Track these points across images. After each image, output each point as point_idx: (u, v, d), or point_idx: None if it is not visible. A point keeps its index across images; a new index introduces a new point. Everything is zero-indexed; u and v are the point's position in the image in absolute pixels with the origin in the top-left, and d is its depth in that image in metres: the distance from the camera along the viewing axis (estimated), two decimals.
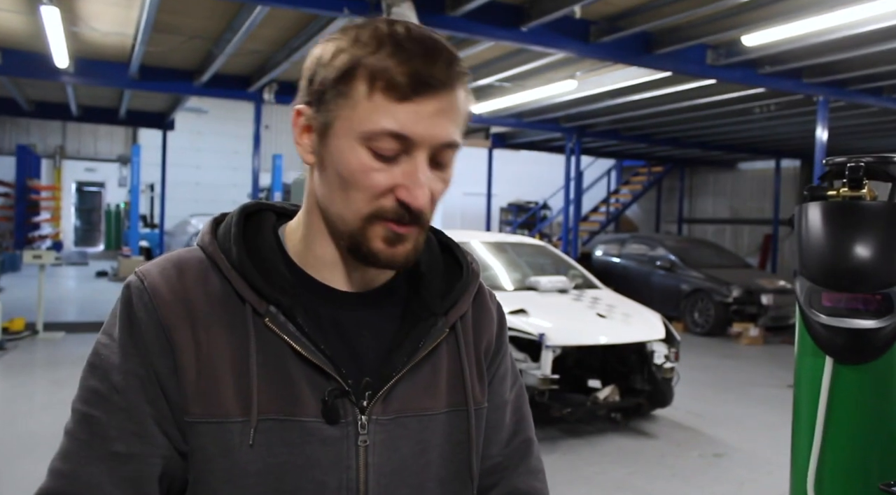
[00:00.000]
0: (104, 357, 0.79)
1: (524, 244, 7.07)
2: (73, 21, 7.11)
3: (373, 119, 0.74)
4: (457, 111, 0.77)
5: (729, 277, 10.21)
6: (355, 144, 0.75)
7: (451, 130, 0.77)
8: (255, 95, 9.81)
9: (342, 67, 0.75)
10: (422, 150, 0.75)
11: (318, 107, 0.78)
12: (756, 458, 4.74)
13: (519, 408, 0.98)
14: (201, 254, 0.83)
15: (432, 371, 0.85)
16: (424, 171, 0.75)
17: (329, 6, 5.72)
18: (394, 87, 0.73)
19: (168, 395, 0.77)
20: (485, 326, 0.94)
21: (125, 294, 0.80)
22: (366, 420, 0.80)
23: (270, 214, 0.89)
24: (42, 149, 19.35)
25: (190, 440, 0.78)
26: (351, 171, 0.76)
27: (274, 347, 0.78)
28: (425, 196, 0.76)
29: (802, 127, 10.99)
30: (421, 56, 0.74)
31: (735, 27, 6.32)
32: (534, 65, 8.14)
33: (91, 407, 0.78)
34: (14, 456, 4.30)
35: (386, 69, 0.73)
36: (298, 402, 0.78)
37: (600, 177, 18.57)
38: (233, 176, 20.23)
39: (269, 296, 0.79)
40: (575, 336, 4.96)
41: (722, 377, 7.40)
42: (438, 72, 0.74)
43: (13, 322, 7.95)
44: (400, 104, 0.73)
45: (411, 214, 0.76)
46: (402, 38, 0.75)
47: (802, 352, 1.86)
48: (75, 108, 12.34)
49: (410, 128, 0.74)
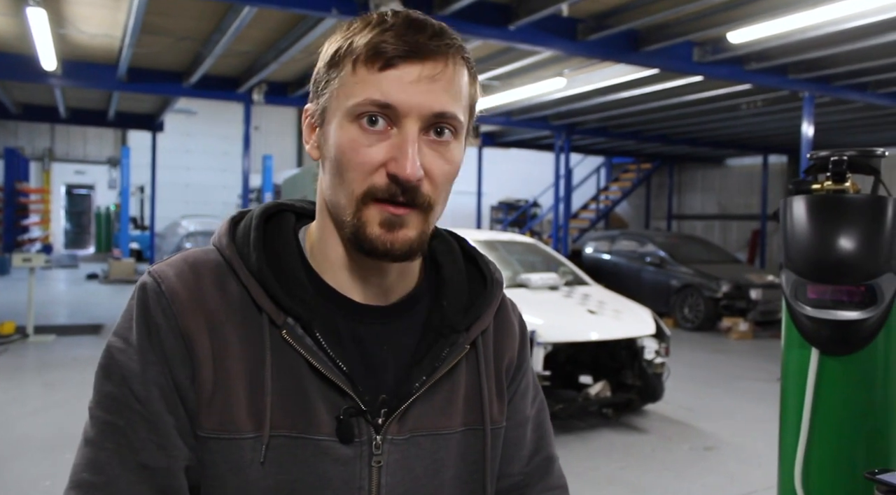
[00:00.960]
0: (121, 362, 0.75)
1: (514, 242, 7.09)
2: (60, 23, 7.08)
3: (356, 91, 0.73)
4: (449, 80, 0.74)
5: (718, 273, 10.28)
6: (345, 122, 0.74)
7: (443, 100, 0.73)
8: (245, 96, 9.80)
9: (331, 52, 0.76)
10: (411, 121, 0.72)
11: (316, 100, 0.78)
12: (746, 451, 4.79)
13: (540, 424, 0.95)
14: (218, 257, 0.80)
15: (450, 389, 0.83)
16: (413, 142, 0.72)
17: (317, 6, 5.73)
18: (375, 56, 0.72)
19: (186, 404, 0.75)
20: (507, 342, 0.91)
21: (141, 296, 0.76)
22: (380, 440, 0.78)
23: (290, 216, 0.86)
24: (30, 152, 19.22)
25: (202, 456, 0.75)
26: (342, 151, 0.74)
27: (290, 361, 0.76)
28: (414, 166, 0.71)
29: (789, 123, 11.08)
30: (404, 27, 0.73)
31: (721, 24, 6.37)
32: (522, 63, 8.18)
33: (112, 414, 0.74)
34: (6, 459, 4.28)
35: (368, 42, 0.72)
36: (313, 419, 0.76)
37: (590, 174, 18.65)
38: (223, 177, 20.19)
39: (287, 308, 0.76)
40: (566, 332, 4.99)
41: (712, 371, 7.45)
42: (423, 39, 0.72)
43: (3, 325, 7.91)
44: (382, 72, 0.72)
45: (404, 191, 0.72)
46: (387, 16, 0.75)
47: (789, 345, 1.89)
48: (63, 110, 12.29)
49: (395, 95, 0.71)
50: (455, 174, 0.78)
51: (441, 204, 0.77)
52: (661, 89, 9.21)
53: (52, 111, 12.65)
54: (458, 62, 0.75)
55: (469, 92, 0.77)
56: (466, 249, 0.92)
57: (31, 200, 17.46)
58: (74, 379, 6.16)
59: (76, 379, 6.14)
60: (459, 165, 0.78)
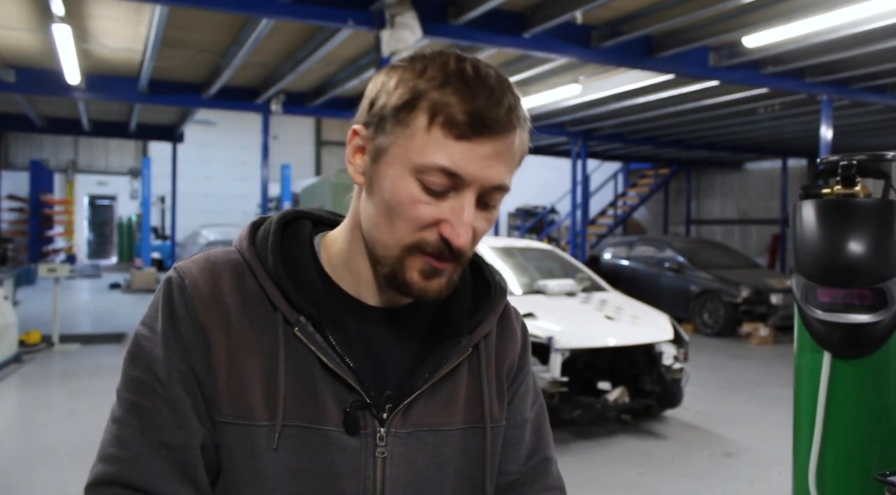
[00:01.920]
0: (146, 349, 0.82)
1: (532, 248, 7.11)
2: (83, 38, 7.24)
3: (427, 152, 0.75)
4: (511, 155, 0.78)
5: (738, 278, 10.20)
6: (406, 174, 0.76)
7: (503, 174, 0.77)
8: (263, 106, 9.92)
9: (405, 96, 0.76)
10: (471, 190, 0.76)
11: (375, 130, 0.79)
12: (766, 457, 4.76)
13: (539, 427, 0.99)
14: (238, 258, 0.86)
15: (452, 388, 0.87)
16: (470, 210, 0.76)
17: (333, 18, 5.81)
18: (453, 124, 0.74)
19: (203, 390, 0.80)
20: (508, 347, 0.95)
21: (166, 289, 0.83)
22: (384, 432, 0.82)
23: (307, 223, 0.91)
24: (55, 164, 19.59)
25: (219, 440, 0.81)
26: (399, 200, 0.77)
27: (301, 356, 0.81)
28: (468, 235, 0.76)
29: (808, 126, 10.99)
30: (485, 97, 0.74)
31: (736, 29, 6.36)
32: (537, 70, 8.21)
33: (138, 396, 0.81)
34: (33, 465, 4.37)
35: (448, 105, 0.74)
36: (321, 411, 0.80)
37: (607, 180, 18.60)
38: (242, 186, 20.39)
39: (300, 307, 0.81)
40: (583, 338, 4.99)
41: (732, 377, 7.40)
42: (500, 114, 0.75)
43: (29, 334, 8.06)
44: (457, 142, 0.74)
45: (451, 251, 0.77)
46: (469, 76, 0.75)
47: (801, 348, 1.90)
48: (87, 122, 12.51)
49: (463, 166, 0.74)
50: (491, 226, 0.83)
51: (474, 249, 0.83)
52: (677, 94, 9.19)
53: (76, 124, 12.88)
54: (522, 130, 0.79)
55: (521, 152, 0.80)
56: (473, 257, 0.95)
57: (56, 211, 17.81)
58: (99, 388, 6.26)
59: (100, 388, 6.24)
60: (496, 219, 0.83)
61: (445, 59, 0.78)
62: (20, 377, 6.81)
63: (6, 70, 8.41)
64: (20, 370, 7.06)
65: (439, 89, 0.75)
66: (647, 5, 6.16)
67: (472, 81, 0.75)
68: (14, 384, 6.55)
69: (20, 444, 4.83)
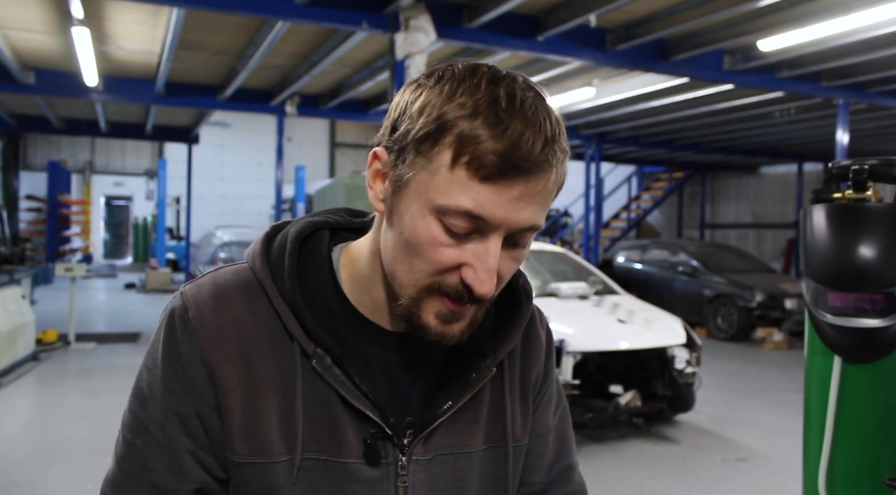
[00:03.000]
0: (148, 385, 0.79)
1: (544, 251, 7.11)
2: (102, 41, 7.33)
3: (451, 193, 0.67)
4: (547, 194, 0.70)
5: (752, 282, 10.14)
6: (427, 213, 0.70)
7: (536, 214, 0.70)
8: (278, 108, 9.99)
9: (429, 126, 0.68)
10: (498, 233, 0.69)
11: (396, 158, 0.71)
12: (779, 463, 4.73)
13: (562, 433, 0.96)
14: (250, 277, 0.80)
15: (474, 410, 0.84)
16: (496, 254, 0.70)
17: (348, 21, 5.85)
18: (481, 165, 0.66)
19: (208, 431, 0.77)
20: (534, 358, 0.91)
21: (169, 322, 0.78)
22: (406, 461, 0.80)
23: (324, 235, 0.85)
24: (72, 165, 19.82)
25: (234, 476, 0.78)
26: (419, 241, 0.70)
27: (319, 389, 0.77)
28: (491, 281, 0.70)
29: (824, 130, 10.91)
30: (519, 132, 0.66)
31: (751, 32, 6.34)
32: (551, 73, 8.21)
33: (134, 435, 0.79)
34: (51, 461, 4.43)
35: (476, 141, 0.66)
36: (341, 444, 0.78)
37: (621, 183, 18.54)
38: (256, 188, 20.53)
39: (317, 338, 0.77)
40: (595, 341, 4.98)
41: (745, 382, 7.35)
42: (535, 152, 0.66)
43: (46, 333, 8.16)
44: (483, 184, 0.67)
45: (472, 297, 0.71)
46: (502, 106, 0.66)
47: (811, 353, 1.90)
48: (104, 124, 12.65)
49: (490, 210, 0.67)
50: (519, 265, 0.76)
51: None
52: (691, 98, 9.16)
53: (93, 125, 13.03)
54: (560, 165, 0.70)
55: (558, 184, 0.72)
56: None
57: (73, 212, 18.01)
58: (114, 386, 6.33)
59: (115, 386, 6.31)
60: (526, 257, 0.76)
61: (477, 81, 0.68)
62: (37, 375, 6.90)
63: (26, 72, 8.53)
64: (37, 368, 7.15)
65: (468, 120, 0.66)
66: (662, 8, 6.15)
67: (505, 113, 0.66)
68: (31, 382, 6.64)
69: (37, 441, 4.89)
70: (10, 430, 5.18)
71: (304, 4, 5.59)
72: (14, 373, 6.74)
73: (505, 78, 0.69)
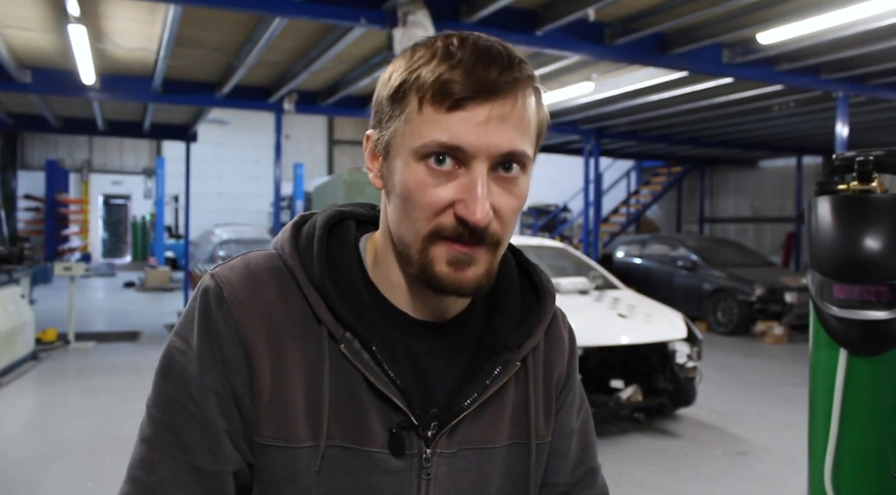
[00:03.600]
0: (181, 364, 0.77)
1: (544, 247, 7.10)
2: (98, 38, 7.29)
3: (423, 132, 0.71)
4: (519, 118, 0.72)
5: (752, 276, 10.14)
6: (410, 161, 0.72)
7: (513, 138, 0.71)
8: (276, 106, 9.95)
9: (395, 84, 0.73)
10: (480, 162, 0.71)
11: (379, 129, 0.76)
12: (781, 456, 4.73)
13: (585, 435, 0.96)
14: (280, 263, 0.81)
15: (498, 405, 0.84)
16: (483, 184, 0.71)
17: (346, 17, 5.82)
18: (443, 96, 0.70)
19: (242, 411, 0.76)
20: (557, 358, 0.91)
21: (203, 299, 0.78)
22: (430, 453, 0.79)
23: (352, 224, 0.86)
24: (70, 164, 19.78)
25: (258, 459, 0.77)
26: (409, 189, 0.73)
27: (347, 374, 0.77)
28: (484, 210, 0.71)
29: (823, 123, 10.89)
30: (472, 61, 0.70)
31: (750, 25, 6.31)
32: (550, 68, 8.18)
33: (169, 416, 0.76)
34: (50, 460, 4.42)
35: (435, 78, 0.70)
36: (367, 432, 0.77)
37: (620, 178, 18.52)
38: (255, 185, 20.50)
39: (346, 322, 0.77)
40: (596, 336, 4.98)
41: (746, 376, 7.36)
42: (492, 75, 0.70)
43: (46, 332, 8.15)
44: (450, 113, 0.70)
45: (472, 232, 0.72)
46: (454, 46, 0.71)
47: (817, 345, 1.89)
48: (101, 122, 12.60)
49: (463, 137, 0.70)
50: (522, 206, 0.77)
51: (509, 235, 0.77)
52: (690, 92, 9.13)
53: (91, 124, 12.97)
54: (528, 93, 0.74)
55: (537, 119, 0.76)
56: (521, 262, 0.92)
57: (71, 211, 17.99)
58: (114, 385, 6.32)
59: (115, 385, 6.30)
60: (527, 196, 0.77)
61: (433, 40, 0.74)
62: (37, 374, 6.89)
63: (22, 71, 8.48)
64: (37, 367, 7.14)
65: (425, 66, 0.71)
66: (661, 2, 6.12)
67: (457, 50, 0.71)
68: (31, 381, 6.63)
69: (37, 441, 4.88)
70: (10, 430, 5.17)
71: (302, 1, 5.56)
72: (14, 373, 6.73)
73: (460, 32, 0.75)
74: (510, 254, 0.91)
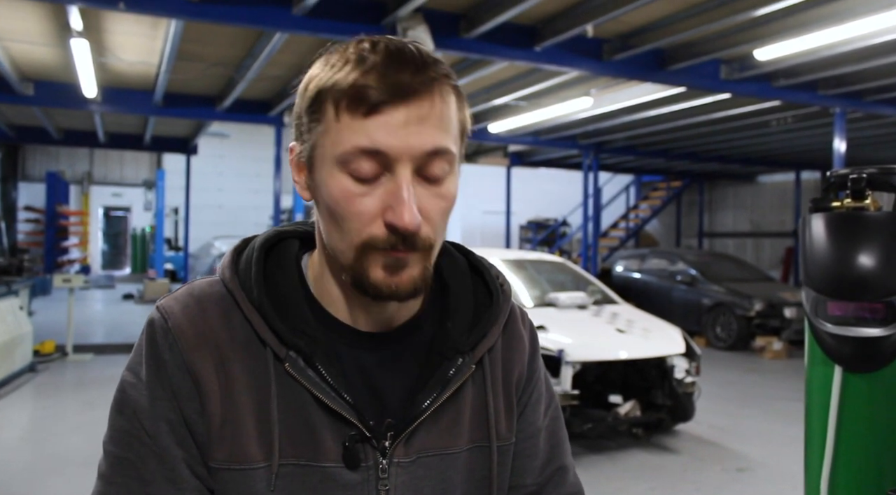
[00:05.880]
0: (132, 398, 0.78)
1: (543, 261, 7.11)
2: (100, 52, 7.34)
3: (343, 139, 0.70)
4: (439, 117, 0.71)
5: (751, 291, 10.14)
6: (334, 171, 0.71)
7: (435, 137, 0.71)
8: (276, 119, 10.00)
9: (312, 94, 0.73)
10: (403, 165, 0.70)
11: (301, 140, 0.75)
12: (780, 473, 4.71)
13: (554, 433, 0.94)
14: (223, 289, 0.81)
15: (455, 409, 0.83)
16: (408, 187, 0.70)
17: (345, 32, 5.86)
18: (358, 101, 0.69)
19: (195, 437, 0.77)
20: (516, 357, 0.89)
21: (149, 332, 0.79)
22: (386, 463, 0.78)
23: (293, 243, 0.85)
24: (70, 176, 19.83)
25: (215, 484, 0.77)
26: (335, 200, 0.72)
27: (295, 393, 0.77)
28: (412, 214, 0.69)
29: (821, 138, 10.94)
30: (385, 65, 0.69)
31: (747, 41, 6.36)
32: (549, 83, 8.23)
33: (123, 449, 0.77)
34: (47, 474, 4.40)
35: (349, 85, 0.69)
36: (319, 448, 0.77)
37: (619, 192, 18.57)
38: (255, 198, 20.53)
39: (288, 341, 0.76)
40: (594, 351, 4.98)
41: (745, 391, 7.34)
42: (405, 77, 0.69)
43: (44, 344, 8.13)
44: (367, 119, 0.69)
45: (404, 239, 0.71)
46: (365, 51, 0.71)
47: (812, 362, 1.90)
48: (102, 135, 12.66)
49: (383, 141, 0.69)
50: (452, 207, 0.76)
51: (441, 237, 0.76)
52: (688, 107, 9.19)
53: (92, 136, 13.03)
54: (446, 92, 0.73)
55: (459, 118, 0.75)
56: (473, 263, 0.90)
57: (71, 223, 18.00)
58: (111, 398, 6.30)
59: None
60: (455, 196, 0.75)
61: (345, 46, 0.73)
62: (34, 386, 6.87)
63: (25, 83, 8.53)
64: (34, 379, 7.12)
65: (339, 72, 0.71)
66: (659, 18, 6.17)
67: (368, 54, 0.70)
68: (28, 393, 6.61)
69: (33, 453, 4.86)
70: (8, 442, 5.15)
71: (303, 16, 5.61)
72: (11, 385, 6.71)
73: (371, 37, 0.74)
74: (462, 256, 0.90)
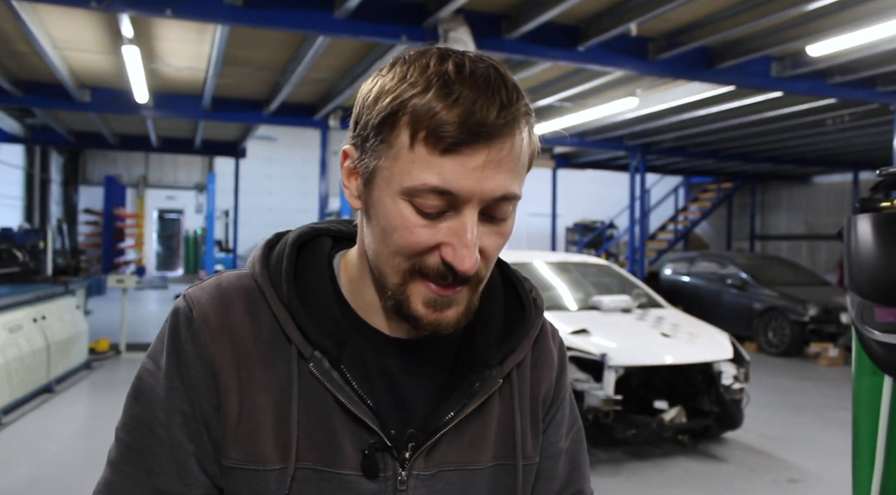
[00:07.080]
0: (149, 386, 0.76)
1: (588, 264, 7.01)
2: (151, 59, 7.56)
3: (414, 173, 0.67)
4: (514, 159, 0.68)
5: (805, 295, 9.80)
6: (397, 198, 0.69)
7: (507, 182, 0.68)
8: (321, 122, 10.13)
9: (384, 111, 0.68)
10: (471, 206, 0.68)
11: (361, 151, 0.72)
12: (834, 485, 4.53)
13: (574, 457, 0.91)
14: (251, 282, 0.79)
15: (481, 424, 0.80)
16: (473, 229, 0.68)
17: (387, 34, 5.89)
18: (437, 138, 0.65)
19: (210, 433, 0.75)
20: (544, 373, 0.87)
21: (173, 321, 0.77)
22: (406, 475, 0.76)
23: (327, 240, 0.84)
24: (127, 179, 20.49)
25: (225, 482, 0.75)
26: (393, 226, 0.69)
27: (317, 394, 0.75)
28: (472, 257, 0.68)
29: (880, 137, 10.52)
30: (471, 99, 0.65)
31: (799, 37, 6.15)
32: (593, 84, 8.12)
33: (135, 438, 0.76)
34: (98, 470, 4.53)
35: (430, 116, 0.65)
36: (338, 454, 0.74)
37: (667, 194, 18.22)
38: (303, 201, 20.83)
39: (315, 340, 0.75)
40: (638, 356, 4.87)
41: (798, 399, 7.09)
42: (491, 117, 0.65)
43: (99, 343, 8.41)
44: (444, 157, 0.66)
45: (456, 276, 0.69)
46: (451, 77, 0.66)
47: (859, 371, 1.81)
48: (155, 139, 13.04)
49: (456, 183, 0.66)
50: (507, 241, 0.74)
51: (490, 270, 0.75)
52: (739, 106, 8.94)
53: (145, 140, 13.43)
54: (523, 127, 0.69)
55: (530, 151, 0.72)
56: (507, 275, 0.88)
57: (127, 225, 18.59)
58: None
59: None
60: (511, 232, 0.74)
61: (427, 60, 0.69)
62: (90, 383, 7.10)
63: (82, 90, 8.85)
64: (90, 376, 7.36)
65: (419, 96, 0.66)
66: (705, 15, 6.02)
67: (454, 83, 0.66)
68: (84, 389, 6.84)
69: (88, 447, 5.02)
70: (64, 436, 5.33)
71: (345, 19, 5.66)
72: (68, 381, 6.96)
73: (454, 53, 0.70)
74: (496, 268, 0.87)
